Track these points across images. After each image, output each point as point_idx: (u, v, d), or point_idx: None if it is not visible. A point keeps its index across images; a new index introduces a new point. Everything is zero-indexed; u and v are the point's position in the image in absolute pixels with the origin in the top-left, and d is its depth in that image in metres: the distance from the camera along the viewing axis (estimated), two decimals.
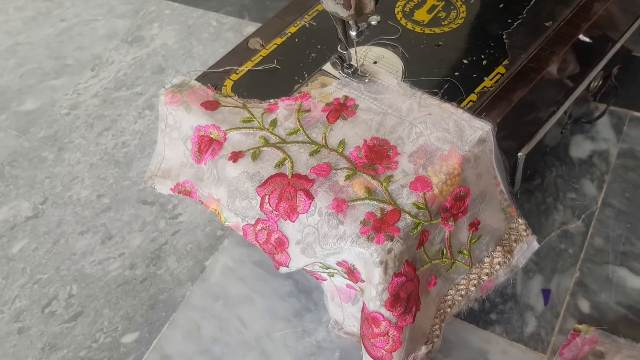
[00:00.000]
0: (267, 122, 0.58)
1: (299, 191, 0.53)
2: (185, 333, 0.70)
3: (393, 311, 0.50)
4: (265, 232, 0.55)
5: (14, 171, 0.90)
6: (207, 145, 0.58)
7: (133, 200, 0.84)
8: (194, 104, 0.60)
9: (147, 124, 0.93)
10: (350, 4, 0.51)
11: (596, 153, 0.80)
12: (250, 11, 1.09)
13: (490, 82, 0.61)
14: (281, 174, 0.54)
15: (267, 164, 0.55)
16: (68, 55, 1.07)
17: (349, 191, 0.52)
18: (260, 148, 0.56)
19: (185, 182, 0.62)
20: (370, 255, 0.49)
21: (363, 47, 0.64)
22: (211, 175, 0.58)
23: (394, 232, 0.49)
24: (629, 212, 0.74)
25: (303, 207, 0.52)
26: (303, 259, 0.54)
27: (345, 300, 0.61)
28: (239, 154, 0.56)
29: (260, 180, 0.54)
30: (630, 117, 0.83)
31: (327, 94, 0.59)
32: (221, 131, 0.58)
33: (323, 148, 0.55)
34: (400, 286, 0.50)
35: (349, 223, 0.50)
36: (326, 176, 0.53)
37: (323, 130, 0.56)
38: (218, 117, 0.59)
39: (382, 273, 0.49)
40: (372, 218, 0.50)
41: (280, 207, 0.53)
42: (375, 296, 0.50)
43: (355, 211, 0.51)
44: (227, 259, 0.76)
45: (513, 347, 0.65)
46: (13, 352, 0.71)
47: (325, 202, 0.52)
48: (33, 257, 0.80)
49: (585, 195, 0.76)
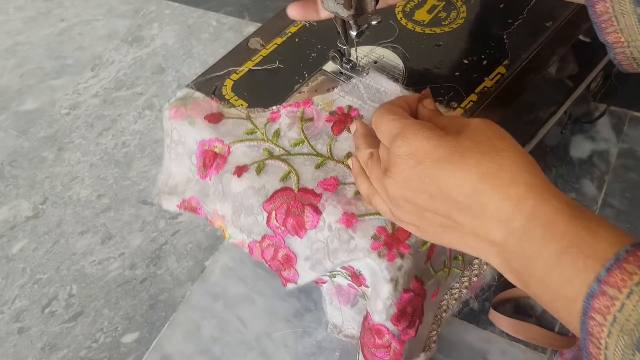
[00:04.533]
0: (271, 132, 0.57)
1: (307, 206, 0.51)
2: (185, 333, 0.70)
3: (398, 325, 0.50)
4: (272, 248, 0.54)
5: (14, 171, 0.90)
6: (212, 159, 0.57)
7: (133, 200, 0.84)
8: (197, 117, 0.58)
9: (147, 124, 0.93)
10: (351, 4, 0.51)
11: (596, 153, 0.80)
12: (250, 11, 1.09)
13: (491, 82, 0.61)
14: (287, 189, 0.53)
15: (272, 177, 0.54)
16: (68, 55, 1.07)
17: (359, 205, 0.51)
18: (264, 161, 0.55)
19: (191, 198, 0.61)
20: (380, 271, 0.48)
21: (368, 47, 0.64)
22: (216, 191, 0.57)
23: (404, 249, 0.48)
24: (629, 212, 0.74)
25: (311, 222, 0.51)
26: (312, 275, 0.53)
27: (344, 303, 0.61)
28: (243, 168, 0.55)
29: (266, 195, 0.53)
30: (630, 117, 0.83)
31: (330, 101, 0.58)
32: (225, 145, 0.57)
33: (329, 160, 0.54)
34: (407, 302, 0.50)
35: (359, 237, 0.49)
36: (334, 190, 0.52)
37: (328, 142, 0.55)
38: (222, 130, 0.58)
39: (391, 289, 0.48)
40: (383, 233, 0.49)
41: (288, 223, 0.52)
42: (382, 309, 0.49)
43: (365, 225, 0.50)
44: (227, 259, 0.76)
45: (513, 347, 0.65)
46: (13, 352, 0.71)
47: (334, 216, 0.50)
48: (33, 257, 0.80)
49: (585, 195, 0.76)
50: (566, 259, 0.34)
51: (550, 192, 0.36)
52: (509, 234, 0.36)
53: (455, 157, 0.38)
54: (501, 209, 0.36)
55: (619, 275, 0.32)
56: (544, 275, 0.35)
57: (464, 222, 0.39)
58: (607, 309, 0.32)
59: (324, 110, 0.57)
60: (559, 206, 0.36)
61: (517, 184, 0.37)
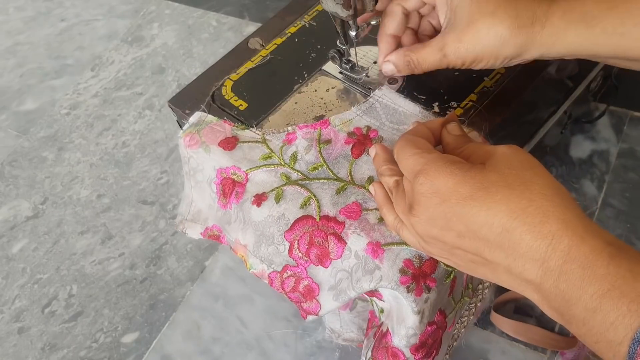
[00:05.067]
0: (287, 156, 0.56)
1: (330, 235, 0.50)
2: (185, 333, 0.70)
3: (416, 355, 0.50)
4: (293, 279, 0.52)
5: (14, 171, 0.90)
6: (231, 188, 0.56)
7: (133, 200, 0.84)
8: (212, 143, 0.57)
9: (147, 124, 0.93)
10: (350, 4, 0.51)
11: (596, 153, 0.80)
12: (250, 11, 1.09)
13: (490, 82, 0.61)
14: (308, 217, 0.51)
15: (291, 204, 0.52)
16: (68, 55, 1.07)
17: (383, 231, 0.49)
18: (282, 187, 0.54)
19: (214, 226, 0.59)
20: (408, 304, 0.48)
21: (367, 47, 0.64)
22: (237, 219, 0.56)
23: (431, 282, 0.48)
24: (629, 212, 0.74)
25: (336, 252, 0.50)
26: (334, 305, 0.51)
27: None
28: (262, 197, 0.54)
29: (287, 224, 0.52)
30: (630, 117, 0.83)
31: (348, 121, 0.57)
32: (242, 172, 0.55)
33: (350, 185, 0.53)
34: (430, 334, 0.50)
35: (386, 268, 0.48)
36: (357, 218, 0.50)
37: (348, 166, 0.54)
38: (237, 156, 0.56)
39: (417, 321, 0.48)
40: (411, 267, 0.48)
41: (311, 253, 0.51)
42: (404, 336, 0.49)
43: (391, 255, 0.48)
44: (227, 259, 0.76)
45: (513, 347, 0.65)
46: (13, 352, 0.71)
47: (359, 245, 0.49)
48: (33, 257, 0.80)
49: (585, 195, 0.76)
50: (608, 303, 0.32)
51: (586, 228, 0.35)
52: (544, 273, 0.35)
53: (481, 194, 0.37)
54: (534, 248, 0.35)
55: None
56: (585, 317, 0.33)
57: (497, 260, 0.37)
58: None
59: (342, 131, 0.56)
60: (597, 245, 0.34)
61: (550, 221, 0.35)
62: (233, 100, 0.62)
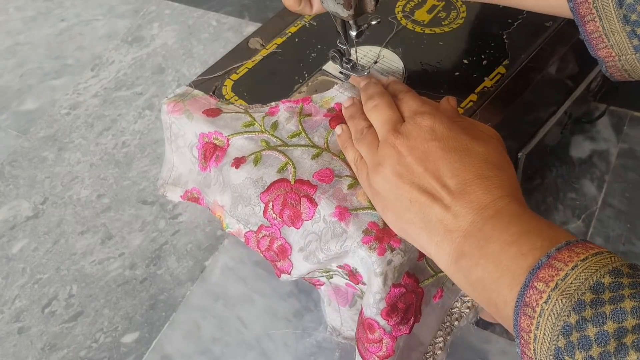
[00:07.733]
0: (269, 124, 0.58)
1: (302, 197, 0.52)
2: (185, 333, 0.70)
3: (388, 320, 0.50)
4: (267, 239, 0.54)
5: (14, 171, 0.90)
6: (212, 152, 0.58)
7: (133, 200, 0.84)
8: (195, 112, 0.59)
9: (147, 124, 0.93)
10: (351, 4, 0.51)
11: (596, 153, 0.80)
12: (250, 11, 1.09)
13: (491, 82, 0.61)
14: (284, 180, 0.53)
15: (269, 169, 0.54)
16: (68, 55, 1.07)
17: (353, 200, 0.51)
18: (261, 152, 0.55)
19: (193, 189, 0.61)
20: (371, 264, 0.49)
21: (368, 47, 0.64)
22: (217, 182, 0.58)
23: (395, 243, 0.49)
24: (629, 212, 0.74)
25: (307, 213, 0.52)
26: (306, 266, 0.53)
27: (342, 304, 0.61)
28: (241, 160, 0.56)
29: (264, 187, 0.54)
30: (630, 117, 0.83)
31: (329, 98, 0.58)
32: (224, 137, 0.57)
33: (325, 152, 0.55)
34: (398, 297, 0.50)
35: (352, 231, 0.50)
36: (329, 182, 0.53)
37: (325, 135, 0.56)
38: (220, 123, 0.58)
39: (381, 283, 0.49)
40: (375, 228, 0.50)
41: (285, 214, 0.53)
42: (372, 303, 0.50)
43: (358, 220, 0.50)
44: (227, 259, 0.76)
45: (513, 347, 0.65)
46: (13, 352, 0.71)
47: (328, 210, 0.51)
48: (33, 257, 0.80)
49: (585, 195, 0.76)
50: (525, 238, 0.38)
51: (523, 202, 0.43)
52: (477, 218, 0.41)
53: (464, 154, 0.44)
54: (481, 199, 0.42)
55: (567, 253, 0.35)
56: (500, 251, 0.39)
57: (441, 198, 0.43)
58: (551, 277, 0.35)
59: (323, 108, 0.58)
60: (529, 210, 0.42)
61: (504, 187, 0.42)
62: (233, 100, 0.62)
